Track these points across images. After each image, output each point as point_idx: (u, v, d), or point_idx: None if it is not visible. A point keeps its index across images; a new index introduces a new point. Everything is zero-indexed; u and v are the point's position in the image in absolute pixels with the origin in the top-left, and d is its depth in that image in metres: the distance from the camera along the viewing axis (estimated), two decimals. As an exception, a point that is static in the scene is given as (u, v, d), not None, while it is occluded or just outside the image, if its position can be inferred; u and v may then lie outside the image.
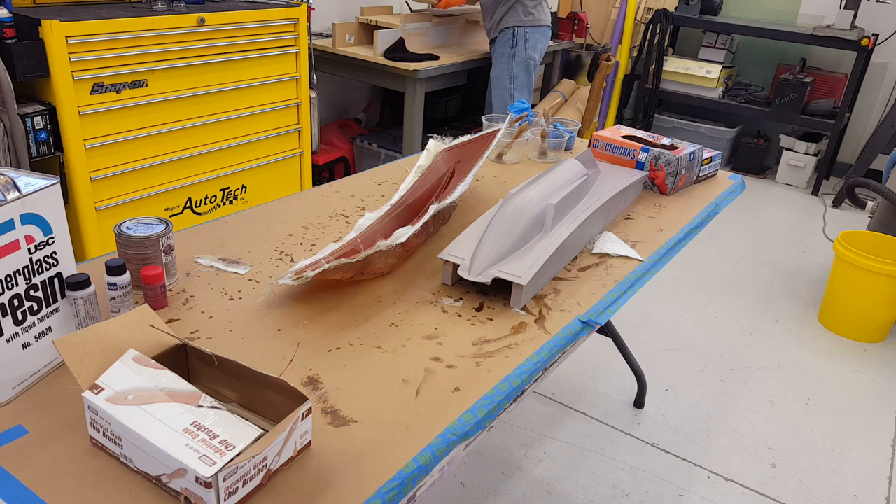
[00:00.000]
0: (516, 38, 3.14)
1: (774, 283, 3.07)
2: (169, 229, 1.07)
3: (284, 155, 2.82)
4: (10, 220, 0.79)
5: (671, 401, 2.22)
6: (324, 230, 1.35)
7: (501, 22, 3.16)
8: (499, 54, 3.19)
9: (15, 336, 0.83)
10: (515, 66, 3.16)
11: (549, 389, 2.24)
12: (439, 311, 1.10)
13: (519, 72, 3.17)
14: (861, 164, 4.06)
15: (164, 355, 0.83)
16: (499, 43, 3.19)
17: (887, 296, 2.53)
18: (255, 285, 1.13)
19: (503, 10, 3.14)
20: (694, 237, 1.51)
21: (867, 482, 1.93)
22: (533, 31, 3.15)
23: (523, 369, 0.96)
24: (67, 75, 2.06)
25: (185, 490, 0.69)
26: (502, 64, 3.19)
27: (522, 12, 3.13)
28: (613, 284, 1.21)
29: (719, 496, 1.84)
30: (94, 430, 0.76)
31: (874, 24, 4.18)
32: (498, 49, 3.20)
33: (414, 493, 0.78)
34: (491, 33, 3.25)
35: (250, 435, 0.71)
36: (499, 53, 3.19)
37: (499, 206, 1.26)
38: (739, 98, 4.41)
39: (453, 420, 0.85)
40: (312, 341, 1.00)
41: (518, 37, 3.13)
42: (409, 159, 1.82)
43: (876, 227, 2.90)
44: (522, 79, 3.20)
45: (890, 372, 2.46)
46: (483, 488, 1.81)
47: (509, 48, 3.15)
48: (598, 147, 1.73)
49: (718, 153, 1.78)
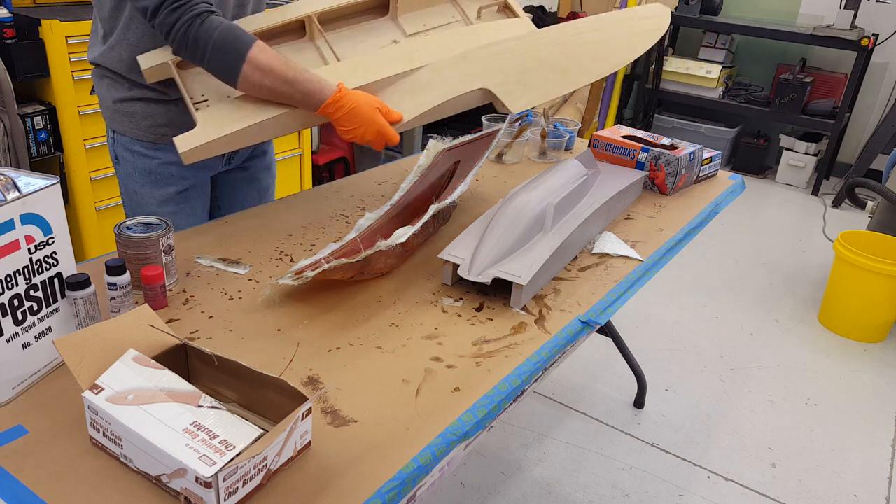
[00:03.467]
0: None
1: (774, 283, 3.07)
2: (169, 229, 1.07)
3: (284, 155, 2.82)
4: (10, 220, 0.79)
5: (671, 401, 2.22)
6: (324, 230, 1.35)
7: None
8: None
9: (15, 336, 0.83)
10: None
11: (549, 389, 2.24)
12: (439, 311, 1.10)
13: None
14: (861, 164, 4.06)
15: (164, 355, 0.83)
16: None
17: (887, 296, 2.53)
18: (255, 285, 1.13)
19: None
20: (694, 237, 1.51)
21: (867, 482, 1.93)
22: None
23: (523, 369, 0.96)
24: (67, 75, 2.06)
25: (185, 490, 0.69)
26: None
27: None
28: (613, 284, 1.21)
29: (719, 496, 1.84)
30: (94, 430, 0.76)
31: (874, 24, 4.18)
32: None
33: (414, 493, 0.78)
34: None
35: (250, 435, 0.71)
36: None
37: (499, 206, 1.26)
38: (739, 98, 4.41)
39: (453, 420, 0.85)
40: (312, 341, 1.00)
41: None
42: (409, 159, 1.82)
43: (876, 227, 2.90)
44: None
45: (890, 372, 2.46)
46: (483, 488, 1.81)
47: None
48: (598, 147, 1.73)
49: (718, 153, 1.78)
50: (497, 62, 1.38)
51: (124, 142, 1.37)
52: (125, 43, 1.28)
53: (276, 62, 1.18)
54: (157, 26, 1.15)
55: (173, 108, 1.35)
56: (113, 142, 1.40)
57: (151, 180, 1.39)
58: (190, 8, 1.13)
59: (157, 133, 1.36)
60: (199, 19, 1.13)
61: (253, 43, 1.16)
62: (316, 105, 1.22)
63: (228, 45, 1.15)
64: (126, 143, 1.37)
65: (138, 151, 1.37)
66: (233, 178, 1.56)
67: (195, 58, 1.17)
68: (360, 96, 1.24)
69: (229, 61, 1.16)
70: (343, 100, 1.22)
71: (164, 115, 1.35)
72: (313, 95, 1.21)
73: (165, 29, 1.14)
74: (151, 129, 1.35)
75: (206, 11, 1.14)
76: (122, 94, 1.33)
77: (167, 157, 1.38)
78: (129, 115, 1.34)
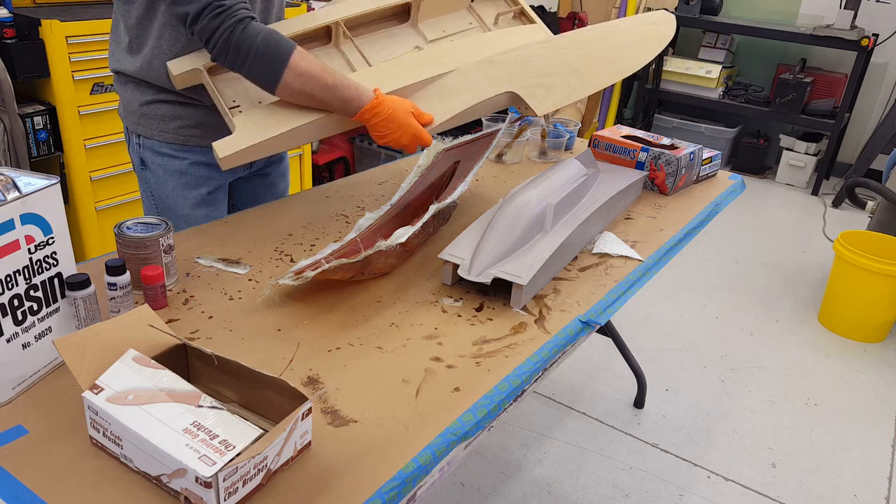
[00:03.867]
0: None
1: (774, 283, 3.07)
2: (169, 229, 1.07)
3: (284, 155, 2.82)
4: (10, 220, 0.79)
5: (671, 401, 2.22)
6: (324, 230, 1.35)
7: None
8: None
9: (15, 336, 0.83)
10: None
11: (549, 389, 2.24)
12: (439, 311, 1.10)
13: None
14: (861, 164, 4.06)
15: (164, 355, 0.83)
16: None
17: (887, 296, 2.53)
18: (255, 285, 1.13)
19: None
20: (694, 237, 1.51)
21: (867, 482, 1.93)
22: None
23: (523, 369, 0.96)
24: (67, 75, 2.06)
25: (185, 490, 0.69)
26: None
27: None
28: (613, 284, 1.21)
29: (719, 496, 1.84)
30: (94, 430, 0.76)
31: (874, 24, 4.18)
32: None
33: (414, 493, 0.78)
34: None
35: (250, 435, 0.71)
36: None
37: (499, 206, 1.26)
38: (739, 98, 4.41)
39: (453, 420, 0.85)
40: (312, 341, 1.00)
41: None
42: (409, 159, 1.82)
43: (876, 227, 2.90)
44: None
45: (890, 372, 2.46)
46: (483, 488, 1.81)
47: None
48: (598, 147, 1.73)
49: (718, 153, 1.78)
50: (521, 66, 1.41)
51: (151, 145, 1.36)
52: (157, 51, 1.26)
53: (316, 68, 1.18)
54: (197, 32, 1.14)
55: (203, 110, 1.34)
56: (138, 147, 1.38)
57: (184, 182, 1.39)
58: (232, 13, 1.11)
59: (187, 135, 1.35)
60: (242, 25, 1.12)
61: (294, 49, 1.16)
62: (354, 111, 1.22)
63: (271, 52, 1.14)
64: (154, 147, 1.36)
65: (167, 154, 1.36)
66: (252, 184, 1.56)
67: (235, 64, 1.16)
68: (395, 101, 1.25)
69: (272, 67, 1.15)
70: (380, 106, 1.23)
71: (192, 117, 1.34)
72: (352, 102, 1.21)
73: (206, 35, 1.13)
74: (180, 131, 1.35)
75: (248, 17, 1.13)
76: (148, 97, 1.32)
77: (196, 157, 1.38)
78: (158, 118, 1.34)
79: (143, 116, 1.34)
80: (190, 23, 1.13)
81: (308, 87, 1.18)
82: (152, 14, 1.24)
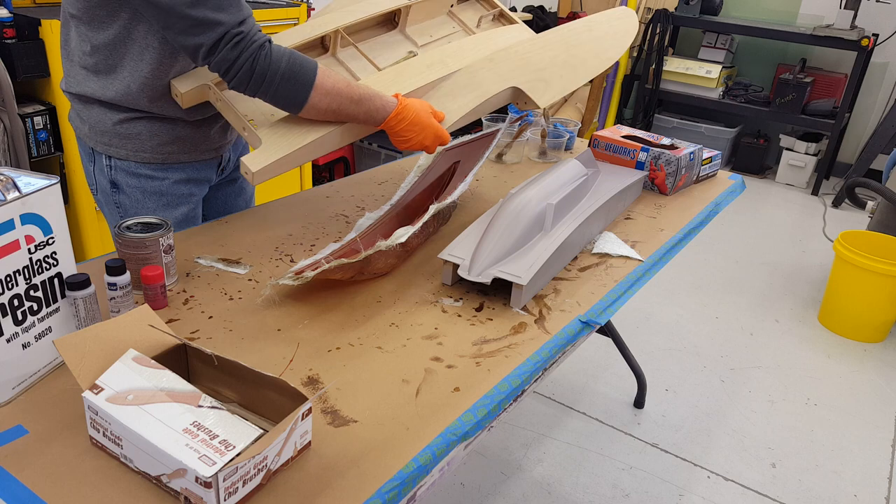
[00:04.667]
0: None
1: (774, 283, 3.07)
2: (169, 229, 1.07)
3: (284, 155, 2.82)
4: (10, 220, 0.79)
5: (671, 401, 2.22)
6: (324, 230, 1.35)
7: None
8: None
9: (15, 336, 0.83)
10: None
11: (549, 389, 2.24)
12: (439, 311, 1.10)
13: None
14: (861, 164, 4.06)
15: (164, 355, 0.83)
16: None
17: (887, 296, 2.53)
18: (255, 285, 1.13)
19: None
20: (694, 237, 1.51)
21: (867, 482, 1.93)
22: None
23: (523, 369, 0.96)
24: (67, 75, 2.05)
25: (185, 490, 0.69)
26: None
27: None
28: (613, 284, 1.21)
29: (719, 496, 1.84)
30: (94, 430, 0.76)
31: (874, 24, 4.18)
32: None
33: (414, 493, 0.78)
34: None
35: (250, 435, 0.71)
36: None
37: (499, 206, 1.26)
38: (739, 98, 4.41)
39: (453, 420, 0.85)
40: (312, 341, 1.00)
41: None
42: (409, 159, 1.82)
43: (876, 227, 2.90)
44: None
45: (890, 372, 2.46)
46: (483, 488, 1.81)
47: None
48: (598, 147, 1.73)
49: (718, 153, 1.78)
50: (519, 62, 1.44)
51: (126, 167, 1.27)
52: (136, 75, 1.18)
53: (341, 85, 1.16)
54: (214, 64, 1.07)
55: (180, 125, 1.28)
56: (109, 169, 1.28)
57: (164, 202, 1.32)
58: (251, 41, 1.06)
59: (165, 152, 1.28)
60: (263, 51, 1.07)
61: (318, 69, 1.13)
62: (380, 120, 1.22)
63: (296, 75, 1.10)
64: (129, 168, 1.27)
65: (145, 174, 1.29)
66: (222, 191, 1.52)
67: (258, 91, 1.11)
68: (416, 104, 1.25)
69: (298, 91, 1.12)
70: (404, 111, 1.23)
71: (170, 133, 1.27)
72: (378, 112, 1.21)
73: (226, 65, 1.07)
74: (159, 149, 1.28)
75: (266, 41, 1.08)
76: (121, 115, 1.23)
77: (177, 175, 1.32)
78: (133, 137, 1.25)
79: (115, 136, 1.25)
80: (205, 55, 1.06)
81: (335, 105, 1.16)
82: (128, 36, 1.15)
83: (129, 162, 1.27)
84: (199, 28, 1.03)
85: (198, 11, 1.02)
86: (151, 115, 1.25)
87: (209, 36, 1.04)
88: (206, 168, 1.39)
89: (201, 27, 1.03)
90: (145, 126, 1.25)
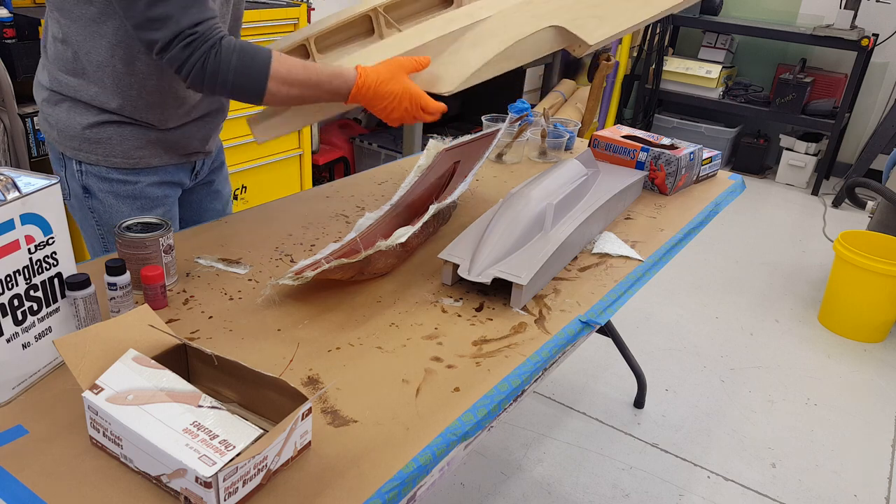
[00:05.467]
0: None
1: (774, 283, 3.07)
2: (169, 229, 1.07)
3: (284, 155, 2.82)
4: (10, 220, 0.79)
5: (671, 401, 2.22)
6: (324, 230, 1.35)
7: None
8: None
9: (15, 336, 0.83)
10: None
11: (549, 389, 2.24)
12: (439, 311, 1.10)
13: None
14: (861, 164, 4.06)
15: (164, 355, 0.83)
16: None
17: (887, 296, 2.53)
18: (255, 285, 1.13)
19: None
20: (694, 237, 1.51)
21: (867, 482, 1.93)
22: None
23: (523, 369, 0.96)
24: (67, 75, 2.05)
25: (185, 490, 0.69)
26: None
27: None
28: (613, 284, 1.21)
29: (719, 496, 1.84)
30: (94, 430, 0.76)
31: (874, 24, 4.18)
32: None
33: (414, 493, 0.78)
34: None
35: (250, 435, 0.71)
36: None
37: (499, 206, 1.26)
38: (739, 98, 4.41)
39: (453, 420, 0.85)
40: (312, 341, 1.00)
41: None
42: (409, 159, 1.82)
43: (876, 227, 2.90)
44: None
45: (890, 372, 2.46)
46: (483, 488, 1.81)
47: None
48: (598, 147, 1.73)
49: (718, 153, 1.78)
50: (566, 1, 1.30)
51: (97, 171, 1.25)
52: (108, 69, 1.16)
53: (297, 70, 1.13)
54: (166, 60, 1.07)
55: (152, 131, 1.26)
56: (80, 174, 1.25)
57: (139, 206, 1.30)
58: (203, 40, 1.05)
59: (136, 157, 1.26)
60: (213, 50, 1.06)
61: (271, 58, 1.11)
62: (345, 97, 1.18)
63: (248, 68, 1.09)
64: (100, 173, 1.25)
65: (117, 179, 1.26)
66: (198, 193, 1.49)
67: (214, 90, 1.10)
68: (378, 71, 1.17)
69: (253, 83, 1.11)
70: (365, 84, 1.17)
71: (141, 138, 1.25)
72: (340, 90, 1.17)
73: (177, 63, 1.07)
74: (130, 153, 1.25)
75: (219, 39, 1.07)
76: (90, 118, 1.20)
77: (149, 178, 1.29)
78: (104, 142, 1.22)
79: (85, 141, 1.22)
80: (158, 50, 1.06)
81: (295, 91, 1.14)
82: (99, 28, 1.13)
83: (99, 167, 1.25)
84: (156, 24, 1.04)
85: (155, 8, 1.03)
86: (122, 119, 1.22)
87: (164, 33, 1.04)
88: (179, 172, 1.36)
89: (157, 23, 1.04)
90: (115, 130, 1.23)
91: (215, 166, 1.51)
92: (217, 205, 1.54)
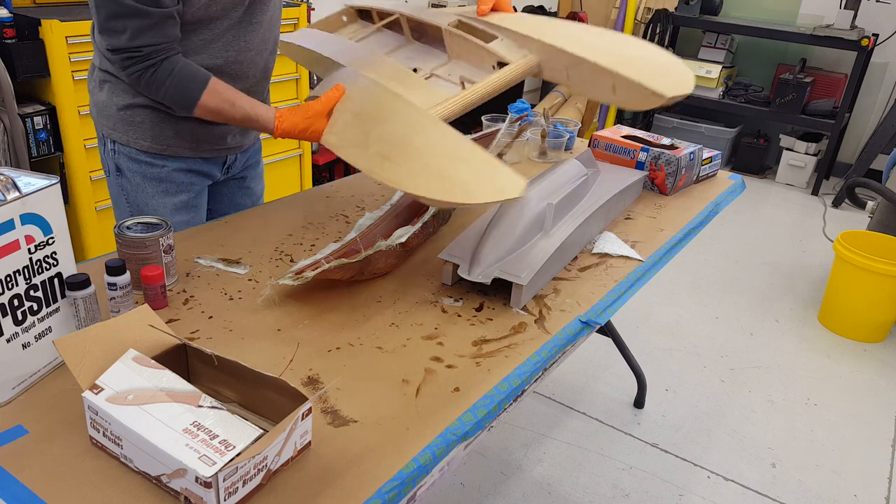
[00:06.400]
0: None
1: (774, 283, 3.07)
2: (169, 229, 1.07)
3: (284, 155, 2.82)
4: (10, 220, 0.79)
5: (671, 401, 2.22)
6: (324, 230, 1.35)
7: None
8: None
9: (15, 336, 0.83)
10: None
11: (549, 389, 2.24)
12: (439, 311, 1.10)
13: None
14: (861, 164, 4.06)
15: (164, 355, 0.83)
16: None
17: (887, 296, 2.53)
18: (255, 285, 1.13)
19: None
20: (694, 237, 1.51)
21: (867, 482, 1.93)
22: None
23: (523, 369, 0.96)
24: (67, 75, 2.06)
25: (185, 490, 0.69)
26: None
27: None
28: (613, 284, 1.21)
29: (719, 496, 1.84)
30: (94, 430, 0.76)
31: (874, 24, 4.18)
32: None
33: (414, 493, 0.78)
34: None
35: (250, 435, 0.71)
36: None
37: (499, 206, 1.26)
38: (739, 98, 4.41)
39: (453, 420, 0.85)
40: (312, 341, 1.00)
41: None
42: (409, 159, 1.81)
43: (876, 227, 2.90)
44: None
45: (890, 372, 2.46)
46: (483, 488, 1.81)
47: None
48: (598, 147, 1.73)
49: (718, 153, 1.78)
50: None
51: (128, 152, 1.33)
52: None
53: (224, 106, 1.21)
54: (115, 61, 1.19)
55: (184, 121, 1.31)
56: (113, 153, 1.34)
57: (163, 189, 1.36)
58: (144, 59, 1.15)
59: (165, 143, 1.33)
60: (149, 72, 1.16)
61: (203, 91, 1.19)
62: (270, 134, 1.26)
63: (180, 95, 1.19)
64: (130, 154, 1.33)
65: (145, 161, 1.33)
66: (230, 188, 1.54)
67: (152, 97, 1.23)
68: (296, 121, 1.22)
69: (181, 106, 1.21)
70: (282, 129, 1.23)
71: (173, 127, 1.31)
72: (264, 129, 1.25)
73: (121, 67, 1.18)
74: (159, 140, 1.32)
75: (160, 61, 1.16)
76: (127, 100, 1.29)
77: (177, 164, 1.35)
78: (136, 125, 1.30)
79: (119, 122, 1.30)
80: (111, 50, 1.17)
81: (222, 119, 1.24)
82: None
83: (129, 148, 1.33)
84: (110, 33, 1.15)
85: (115, 21, 1.13)
86: (154, 105, 1.29)
87: (114, 42, 1.15)
88: (208, 164, 1.41)
89: (112, 33, 1.14)
90: (148, 115, 1.30)
91: (250, 164, 1.55)
92: (247, 201, 1.58)
